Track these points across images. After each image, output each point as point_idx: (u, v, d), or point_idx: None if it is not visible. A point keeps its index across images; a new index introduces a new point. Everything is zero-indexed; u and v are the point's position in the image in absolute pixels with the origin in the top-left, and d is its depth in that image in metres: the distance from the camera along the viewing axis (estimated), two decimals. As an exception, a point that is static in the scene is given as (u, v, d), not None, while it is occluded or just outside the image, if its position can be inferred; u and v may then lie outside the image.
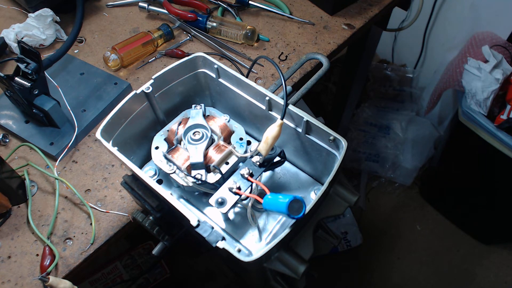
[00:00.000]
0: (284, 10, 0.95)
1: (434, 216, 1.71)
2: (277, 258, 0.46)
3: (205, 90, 0.62)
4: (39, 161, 0.71)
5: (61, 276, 0.60)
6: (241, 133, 0.57)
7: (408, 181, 1.72)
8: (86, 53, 0.88)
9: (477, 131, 1.21)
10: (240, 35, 0.87)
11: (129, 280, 1.24)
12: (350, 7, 0.97)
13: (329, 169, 0.52)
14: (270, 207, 0.42)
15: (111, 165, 0.71)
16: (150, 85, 0.54)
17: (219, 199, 0.48)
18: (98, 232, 0.64)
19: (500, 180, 1.33)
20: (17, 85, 0.67)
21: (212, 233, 0.42)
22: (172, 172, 0.53)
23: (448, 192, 1.64)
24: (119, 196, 0.68)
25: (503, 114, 1.16)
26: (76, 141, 0.73)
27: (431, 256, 1.62)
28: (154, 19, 0.95)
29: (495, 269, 1.58)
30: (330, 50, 0.89)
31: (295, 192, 0.59)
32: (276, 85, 0.64)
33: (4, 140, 0.73)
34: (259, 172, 0.50)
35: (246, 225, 0.55)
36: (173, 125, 0.58)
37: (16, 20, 0.92)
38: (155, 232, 0.54)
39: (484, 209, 1.49)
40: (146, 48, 0.86)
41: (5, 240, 0.63)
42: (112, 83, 0.80)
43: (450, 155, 1.53)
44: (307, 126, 0.51)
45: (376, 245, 1.65)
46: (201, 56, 0.57)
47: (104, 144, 0.48)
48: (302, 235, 0.49)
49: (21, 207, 0.67)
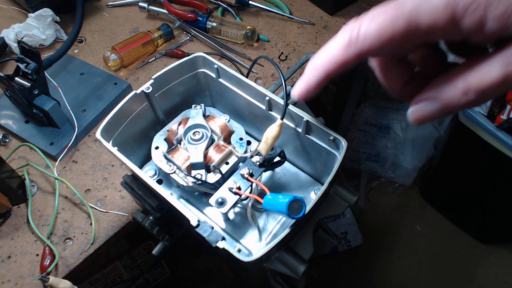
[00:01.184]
0: (284, 10, 0.95)
1: (434, 216, 1.71)
2: (277, 258, 0.46)
3: (205, 90, 0.62)
4: (39, 161, 0.71)
5: (61, 276, 0.60)
6: (241, 133, 0.57)
7: (408, 181, 1.72)
8: (86, 53, 0.88)
9: (477, 131, 1.21)
10: (240, 35, 0.87)
11: (129, 280, 1.24)
12: (350, 7, 0.97)
13: (329, 169, 0.52)
14: (270, 207, 0.42)
15: (111, 165, 0.71)
16: (150, 85, 0.54)
17: (219, 199, 0.48)
18: (98, 232, 0.64)
19: (500, 180, 1.33)
20: (17, 85, 0.67)
21: (212, 233, 0.42)
22: (172, 172, 0.53)
23: (448, 192, 1.64)
24: (119, 196, 0.68)
25: (503, 114, 1.16)
26: (76, 141, 0.73)
27: (431, 256, 1.62)
28: (154, 19, 0.95)
29: (495, 269, 1.58)
30: (330, 50, 0.89)
31: (295, 192, 0.59)
32: (276, 85, 0.64)
33: (4, 140, 0.73)
34: (259, 172, 0.50)
35: (246, 225, 0.55)
36: (173, 125, 0.58)
37: (16, 20, 0.92)
38: (155, 232, 0.54)
39: (484, 209, 1.49)
40: (146, 48, 0.86)
41: (5, 240, 0.63)
42: (112, 83, 0.80)
43: (450, 155, 1.52)
44: (307, 126, 0.51)
45: (376, 245, 1.64)
46: (201, 56, 0.57)
47: (104, 144, 0.48)
48: (302, 235, 0.49)
49: (21, 207, 0.67)
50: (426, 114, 0.28)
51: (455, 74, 0.26)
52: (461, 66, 0.26)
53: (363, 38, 0.27)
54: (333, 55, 0.29)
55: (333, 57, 0.29)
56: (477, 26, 0.23)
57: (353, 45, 0.27)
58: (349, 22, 0.28)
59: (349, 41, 0.27)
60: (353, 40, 0.27)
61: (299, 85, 0.34)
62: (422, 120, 0.29)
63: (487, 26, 0.22)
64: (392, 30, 0.25)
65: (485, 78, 0.24)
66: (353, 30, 0.27)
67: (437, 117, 0.28)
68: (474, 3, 0.22)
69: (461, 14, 0.23)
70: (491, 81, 0.24)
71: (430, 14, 0.23)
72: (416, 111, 0.29)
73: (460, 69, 0.26)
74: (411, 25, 0.24)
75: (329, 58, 0.29)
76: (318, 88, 0.32)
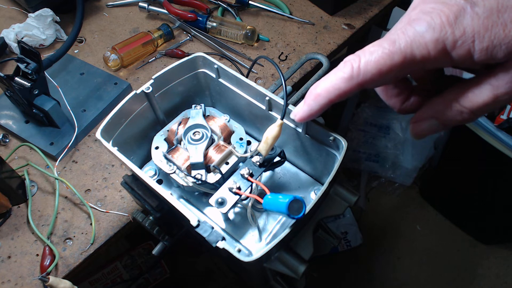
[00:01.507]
0: (284, 10, 0.95)
1: (434, 216, 1.71)
2: (277, 258, 0.46)
3: (205, 90, 0.62)
4: (39, 161, 0.71)
5: (61, 276, 0.60)
6: (241, 133, 0.57)
7: (408, 181, 1.72)
8: (86, 53, 0.88)
9: (477, 131, 1.21)
10: (240, 35, 0.87)
11: (129, 280, 1.24)
12: (350, 7, 0.97)
13: (329, 169, 0.52)
14: (270, 207, 0.42)
15: (111, 165, 0.71)
16: (150, 85, 0.54)
17: (219, 199, 0.48)
18: (98, 232, 0.64)
19: (500, 180, 1.33)
20: (17, 85, 0.67)
21: (212, 233, 0.42)
22: (172, 172, 0.53)
23: (448, 192, 1.64)
24: (119, 196, 0.68)
25: (503, 114, 1.16)
26: (76, 141, 0.73)
27: (431, 256, 1.62)
28: (154, 19, 0.95)
29: (495, 269, 1.58)
30: (330, 50, 0.89)
31: (295, 192, 0.59)
32: (276, 85, 0.64)
33: (4, 140, 0.73)
34: (259, 172, 0.50)
35: (246, 225, 0.55)
36: (173, 125, 0.58)
37: (16, 20, 0.92)
38: (155, 232, 0.54)
39: (484, 209, 1.49)
40: (146, 48, 0.86)
41: (5, 240, 0.63)
42: (112, 83, 0.80)
43: (450, 155, 1.53)
44: (307, 126, 0.51)
45: (376, 245, 1.65)
46: (201, 56, 0.57)
47: (104, 144, 0.48)
48: (302, 235, 0.49)
49: (21, 207, 0.67)
50: (426, 131, 0.32)
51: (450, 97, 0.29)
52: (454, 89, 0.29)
53: (364, 71, 0.29)
54: (336, 85, 0.32)
55: (336, 87, 0.32)
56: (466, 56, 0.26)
57: (355, 77, 0.30)
58: (349, 56, 0.31)
59: (351, 73, 0.30)
60: (355, 73, 0.30)
61: (301, 109, 0.37)
62: (423, 136, 0.33)
63: (475, 57, 0.26)
64: (390, 63, 0.28)
65: (478, 100, 0.28)
66: (354, 62, 0.30)
67: (436, 132, 0.32)
68: (461, 39, 0.25)
69: (451, 47, 0.26)
70: (483, 103, 0.28)
71: (423, 48, 0.26)
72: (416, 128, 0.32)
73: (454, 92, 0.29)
74: (407, 58, 0.27)
75: (332, 87, 0.32)
76: (320, 113, 0.36)
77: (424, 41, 0.26)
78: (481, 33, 0.25)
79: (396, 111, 0.36)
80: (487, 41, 0.25)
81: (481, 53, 0.25)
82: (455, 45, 0.25)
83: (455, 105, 0.29)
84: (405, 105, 0.35)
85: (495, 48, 0.25)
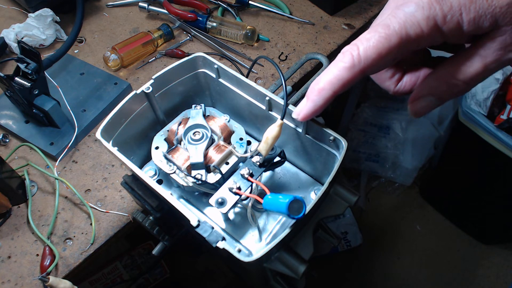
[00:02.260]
0: (284, 10, 0.95)
1: (434, 216, 1.71)
2: (277, 258, 0.46)
3: (205, 90, 0.62)
4: (39, 161, 0.71)
5: (61, 276, 0.60)
6: (241, 133, 0.57)
7: (408, 181, 1.72)
8: (86, 53, 0.88)
9: (477, 131, 1.21)
10: (240, 35, 0.87)
11: (129, 280, 1.24)
12: (350, 7, 0.97)
13: (329, 169, 0.52)
14: (270, 207, 0.42)
15: (111, 165, 0.71)
16: (150, 85, 0.54)
17: (219, 199, 0.48)
18: (98, 232, 0.64)
19: (500, 180, 1.33)
20: (17, 85, 0.67)
21: (212, 233, 0.42)
22: (172, 172, 0.53)
23: (448, 192, 1.64)
24: (119, 196, 0.68)
25: (503, 114, 1.16)
26: (76, 141, 0.73)
27: (431, 256, 1.62)
28: (154, 19, 0.95)
29: (495, 269, 1.58)
30: (330, 50, 0.89)
31: (295, 192, 0.59)
32: (276, 85, 0.64)
33: (4, 140, 0.73)
34: (259, 172, 0.50)
35: (246, 225, 0.55)
36: (173, 125, 0.58)
37: (16, 20, 0.92)
38: (155, 232, 0.54)
39: (484, 209, 1.49)
40: (146, 48, 0.86)
41: (5, 240, 0.63)
42: (112, 83, 0.80)
43: (450, 155, 1.53)
44: (307, 126, 0.51)
45: (376, 245, 1.64)
46: (201, 56, 0.57)
47: (104, 144, 0.48)
48: (302, 235, 0.49)
49: (21, 207, 0.67)
50: (425, 108, 0.33)
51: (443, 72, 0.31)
52: (446, 64, 0.31)
53: (365, 57, 0.31)
54: (338, 75, 0.33)
55: (339, 78, 0.33)
56: (456, 28, 0.28)
57: (357, 65, 0.31)
58: (345, 47, 0.32)
59: (352, 62, 0.31)
60: (356, 60, 0.31)
61: (305, 106, 0.37)
62: (422, 114, 0.34)
63: (464, 27, 0.28)
64: (389, 46, 0.29)
65: (470, 71, 0.30)
66: (353, 51, 0.31)
67: (434, 108, 0.33)
68: (449, 13, 0.27)
69: (442, 22, 0.28)
70: (475, 73, 0.30)
71: (416, 26, 0.28)
72: (415, 106, 0.34)
73: (446, 68, 0.31)
74: (403, 38, 0.29)
75: (335, 78, 0.33)
76: (324, 107, 0.36)
77: (416, 20, 0.28)
78: (466, 5, 0.27)
79: (391, 93, 0.37)
80: (473, 12, 0.27)
81: (469, 23, 0.27)
82: (445, 19, 0.27)
83: (449, 79, 0.31)
84: (399, 86, 0.37)
85: (481, 17, 0.27)
